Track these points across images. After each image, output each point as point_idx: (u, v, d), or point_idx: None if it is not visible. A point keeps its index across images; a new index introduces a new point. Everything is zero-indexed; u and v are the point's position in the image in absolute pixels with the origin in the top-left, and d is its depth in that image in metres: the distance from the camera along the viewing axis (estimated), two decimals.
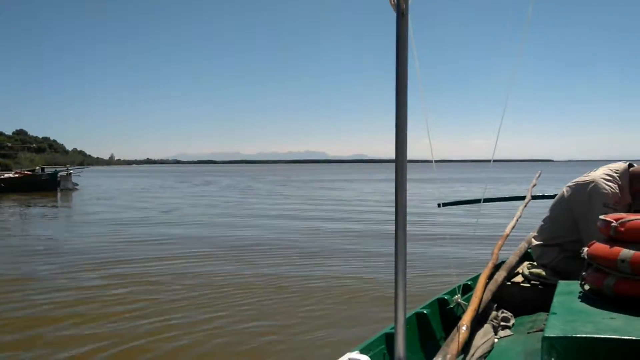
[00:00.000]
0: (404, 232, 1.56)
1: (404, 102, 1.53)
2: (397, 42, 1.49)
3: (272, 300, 6.11)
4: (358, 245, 10.00)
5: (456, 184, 34.93)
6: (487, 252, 3.55)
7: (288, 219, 14.98)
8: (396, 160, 1.57)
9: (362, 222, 13.79)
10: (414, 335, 2.54)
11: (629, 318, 1.48)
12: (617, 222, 1.72)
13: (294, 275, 7.41)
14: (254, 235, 11.44)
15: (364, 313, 5.53)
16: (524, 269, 3.24)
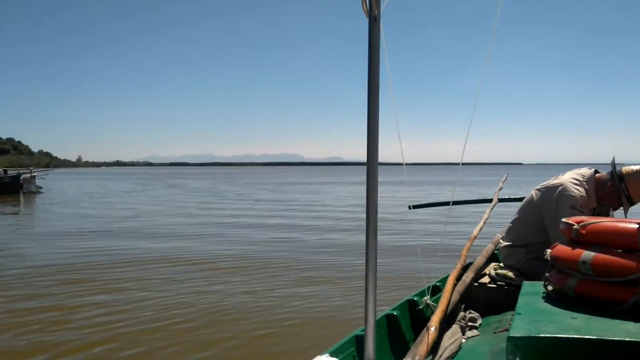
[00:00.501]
0: (375, 234, 1.59)
1: (375, 106, 1.55)
2: (369, 46, 1.51)
3: (233, 308, 6.06)
4: (324, 255, 10.00)
5: (427, 186, 35.31)
6: (455, 254, 3.61)
7: (250, 227, 13.65)
8: (367, 163, 1.59)
9: (330, 231, 13.64)
10: (384, 337, 2.56)
11: (589, 318, 1.53)
12: (578, 225, 1.77)
13: (257, 284, 7.36)
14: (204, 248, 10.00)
15: (334, 316, 5.54)
16: (491, 270, 3.30)
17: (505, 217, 3.41)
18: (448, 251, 7.97)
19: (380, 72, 1.57)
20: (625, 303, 1.56)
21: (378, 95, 1.54)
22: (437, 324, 2.20)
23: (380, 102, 1.57)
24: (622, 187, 2.95)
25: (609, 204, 3.10)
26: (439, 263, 5.90)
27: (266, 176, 74.34)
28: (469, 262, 3.40)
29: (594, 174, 3.11)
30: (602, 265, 1.63)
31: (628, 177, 2.95)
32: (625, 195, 2.96)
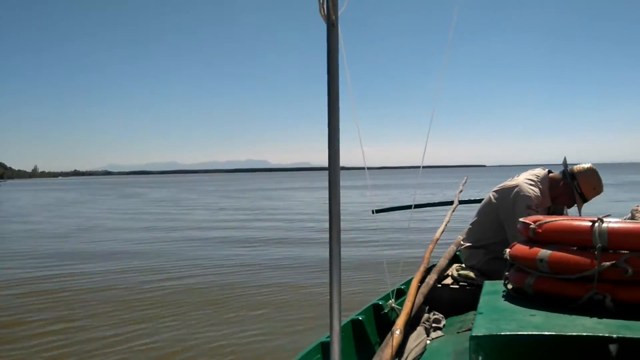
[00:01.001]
0: (338, 240, 1.58)
1: (335, 111, 1.55)
2: (327, 52, 1.52)
3: (194, 316, 5.98)
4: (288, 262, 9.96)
5: (391, 190, 35.62)
6: (419, 257, 3.65)
7: (206, 241, 12.39)
8: (329, 169, 1.59)
9: (293, 237, 13.49)
10: (350, 342, 2.57)
11: (547, 314, 1.56)
12: (535, 224, 1.82)
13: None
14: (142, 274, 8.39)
15: (300, 325, 5.51)
16: (453, 271, 3.36)
17: (466, 219, 3.48)
18: (411, 254, 8.07)
19: (341, 77, 1.58)
20: (581, 299, 1.61)
21: (338, 100, 1.54)
22: (402, 326, 2.22)
23: (341, 107, 1.57)
24: (575, 185, 3.05)
25: (563, 203, 3.21)
26: (402, 266, 5.95)
27: (231, 183, 73.41)
28: (432, 264, 3.44)
29: (548, 174, 3.21)
30: (558, 263, 1.67)
31: (579, 175, 3.06)
32: (578, 193, 3.06)
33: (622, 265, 1.55)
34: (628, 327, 1.40)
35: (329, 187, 1.60)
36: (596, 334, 1.36)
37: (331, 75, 1.53)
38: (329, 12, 1.47)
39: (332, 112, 1.55)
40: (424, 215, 12.55)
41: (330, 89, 1.53)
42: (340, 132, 1.54)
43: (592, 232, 1.64)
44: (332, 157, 1.58)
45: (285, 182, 68.48)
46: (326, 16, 1.49)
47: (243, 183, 73.09)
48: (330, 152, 1.59)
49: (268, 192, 39.67)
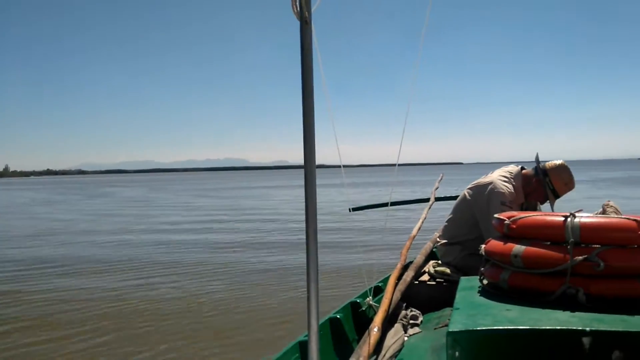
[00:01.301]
0: (315, 239, 1.58)
1: (310, 109, 1.55)
2: (301, 49, 1.51)
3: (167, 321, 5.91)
4: (265, 262, 9.91)
5: (367, 188, 35.77)
6: (396, 254, 3.67)
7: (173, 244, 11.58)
8: (305, 167, 1.58)
9: (271, 236, 13.51)
10: (328, 340, 2.57)
11: (522, 309, 1.59)
12: (509, 220, 1.84)
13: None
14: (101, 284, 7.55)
15: (278, 324, 5.50)
16: (430, 268, 3.38)
17: (442, 216, 3.51)
18: (388, 251, 8.11)
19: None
20: (555, 293, 1.63)
21: (312, 98, 1.54)
22: (380, 324, 2.23)
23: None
24: (547, 181, 3.10)
25: (536, 199, 3.26)
26: (380, 264, 6.00)
27: (209, 182, 72.51)
28: (409, 261, 3.46)
29: (521, 170, 3.26)
30: (532, 258, 1.70)
31: (551, 172, 3.11)
32: (550, 189, 3.11)
33: (594, 259, 1.58)
34: (601, 320, 1.43)
35: (305, 186, 1.59)
36: (570, 328, 1.38)
37: (305, 72, 1.52)
38: (302, 9, 1.46)
39: (307, 110, 1.54)
40: (400, 212, 12.66)
41: (305, 86, 1.53)
42: (316, 130, 1.54)
43: (564, 227, 1.66)
44: (308, 155, 1.58)
45: (264, 181, 68.13)
46: (299, 13, 1.48)
47: (221, 182, 72.16)
48: (306, 151, 1.58)
49: (245, 191, 39.31)
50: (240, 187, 47.54)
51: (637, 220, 1.61)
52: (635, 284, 1.60)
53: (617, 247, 1.62)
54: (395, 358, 2.24)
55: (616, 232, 1.62)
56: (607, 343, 1.34)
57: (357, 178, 65.36)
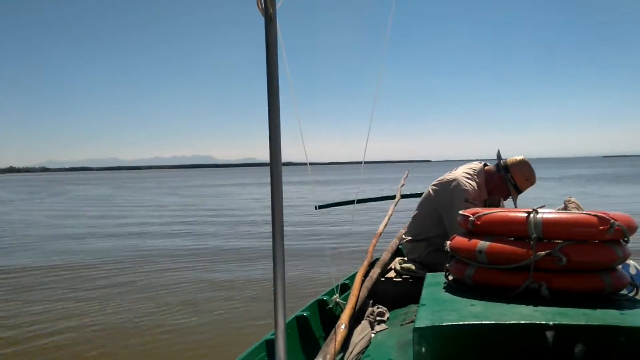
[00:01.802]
0: (281, 237, 1.56)
1: (275, 106, 1.53)
2: (266, 46, 1.50)
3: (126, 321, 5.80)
4: (230, 261, 9.83)
5: (334, 185, 35.87)
6: (362, 251, 3.68)
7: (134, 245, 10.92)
8: (271, 164, 1.57)
9: (237, 235, 13.42)
10: (295, 338, 2.56)
11: (487, 304, 1.61)
12: (474, 217, 1.86)
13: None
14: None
15: (244, 323, 5.45)
16: (396, 265, 3.41)
17: (408, 213, 3.54)
18: (355, 249, 8.16)
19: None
20: (519, 288, 1.66)
21: (278, 95, 1.52)
22: (347, 321, 2.23)
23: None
24: (509, 177, 3.16)
25: (499, 195, 3.32)
26: (347, 261, 6.01)
27: (175, 180, 71.10)
28: (375, 258, 3.48)
29: (484, 167, 3.31)
30: (496, 254, 1.72)
31: (512, 167, 3.17)
32: (512, 185, 3.17)
33: (557, 254, 1.61)
34: (563, 314, 1.46)
35: (271, 184, 1.58)
36: (533, 322, 1.40)
37: (270, 69, 1.51)
38: (266, 5, 1.45)
39: (273, 107, 1.53)
40: (366, 210, 12.75)
41: (270, 83, 1.51)
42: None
43: (527, 223, 1.69)
44: (274, 152, 1.56)
45: (231, 178, 67.46)
46: (264, 10, 1.47)
47: (188, 179, 70.84)
48: (272, 148, 1.56)
49: (211, 189, 38.77)
50: (207, 185, 46.89)
51: (597, 216, 1.65)
52: (597, 278, 1.64)
53: (579, 242, 1.65)
54: (362, 355, 2.24)
55: (578, 227, 1.66)
56: (569, 337, 1.37)
57: (324, 176, 65.50)
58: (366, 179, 33.25)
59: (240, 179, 61.85)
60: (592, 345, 1.36)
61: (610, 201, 17.88)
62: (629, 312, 1.51)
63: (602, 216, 1.64)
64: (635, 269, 2.68)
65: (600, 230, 1.63)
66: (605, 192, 22.37)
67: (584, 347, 1.36)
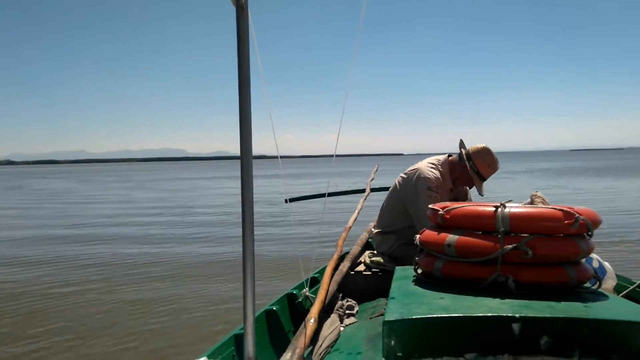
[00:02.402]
0: (251, 231, 1.54)
1: (247, 98, 1.51)
2: (237, 36, 1.48)
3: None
4: (200, 253, 9.72)
5: (305, 179, 35.88)
6: (332, 245, 3.69)
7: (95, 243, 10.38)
8: (241, 157, 1.54)
9: (206, 227, 13.25)
10: (264, 333, 2.54)
11: (455, 297, 1.62)
12: (443, 210, 1.88)
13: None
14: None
15: (213, 319, 5.41)
16: (366, 258, 3.42)
17: (378, 206, 3.56)
18: (325, 242, 8.16)
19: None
20: (486, 281, 1.68)
21: (249, 85, 1.50)
22: (316, 315, 2.22)
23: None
24: (471, 165, 3.21)
25: (464, 183, 3.37)
26: (317, 255, 6.00)
27: (143, 172, 69.93)
28: (345, 252, 3.49)
29: (448, 157, 3.36)
30: (464, 247, 1.74)
31: (474, 156, 3.22)
32: (475, 172, 3.22)
33: (523, 248, 1.63)
34: (529, 306, 1.48)
35: (241, 177, 1.56)
36: (500, 314, 1.42)
37: (241, 59, 1.49)
38: None
39: (244, 98, 1.50)
40: (337, 203, 12.78)
41: (241, 73, 1.49)
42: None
43: (495, 217, 1.71)
44: (245, 145, 1.54)
45: (203, 172, 66.61)
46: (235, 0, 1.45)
47: (158, 173, 69.45)
48: (243, 140, 1.54)
49: (181, 182, 38.23)
50: (178, 179, 46.19)
51: (563, 210, 1.68)
52: (562, 271, 1.67)
53: (545, 236, 1.68)
54: (331, 348, 2.24)
55: (544, 221, 1.68)
56: (535, 329, 1.39)
57: (296, 169, 65.38)
58: (338, 172, 33.34)
59: (211, 172, 61.18)
60: (557, 337, 1.38)
61: (582, 196, 18.33)
62: (592, 305, 1.54)
63: (567, 210, 1.68)
64: (598, 262, 2.75)
65: (565, 224, 1.66)
66: (578, 186, 22.83)
67: (549, 339, 1.38)
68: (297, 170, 60.58)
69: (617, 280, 2.96)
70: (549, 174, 35.86)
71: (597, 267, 2.74)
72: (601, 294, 1.73)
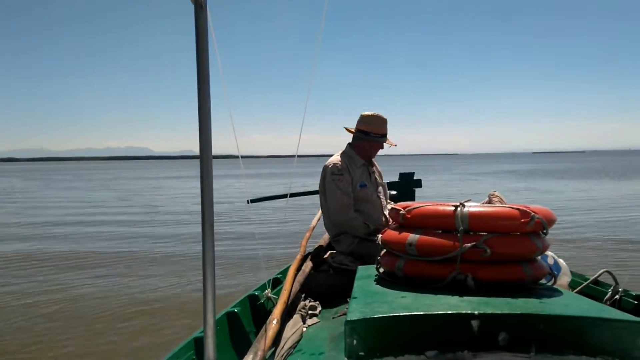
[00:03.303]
0: (212, 233, 1.52)
1: (206, 96, 1.49)
2: (196, 34, 1.46)
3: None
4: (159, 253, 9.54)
5: (267, 179, 35.72)
6: (295, 245, 3.68)
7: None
8: (201, 157, 1.52)
9: (161, 237, 13.01)
10: (225, 335, 2.51)
11: (416, 295, 1.64)
12: (404, 210, 1.90)
13: None
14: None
15: (173, 322, 5.30)
16: (328, 258, 3.42)
17: None
18: (288, 243, 8.14)
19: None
20: (446, 279, 1.71)
21: (208, 85, 1.49)
22: (279, 316, 2.21)
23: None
24: (358, 133, 3.39)
25: (370, 152, 3.49)
26: (279, 255, 5.99)
27: (108, 172, 67.67)
28: (308, 252, 3.48)
29: (349, 144, 3.51)
30: (425, 246, 1.76)
31: (357, 124, 3.41)
32: (365, 134, 3.37)
33: (482, 246, 1.67)
34: (487, 303, 1.51)
35: (201, 177, 1.54)
36: (460, 312, 1.44)
37: (200, 58, 1.47)
38: None
39: (203, 96, 1.49)
40: (300, 203, 12.79)
41: (200, 72, 1.48)
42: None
43: (455, 216, 1.74)
44: (204, 144, 1.52)
45: (166, 171, 65.34)
46: None
47: (120, 172, 67.34)
48: (202, 139, 1.52)
49: (143, 182, 37.32)
50: (141, 178, 45.06)
51: (519, 209, 1.72)
52: (519, 268, 1.72)
53: (502, 234, 1.72)
54: (294, 349, 2.23)
55: (501, 220, 1.72)
56: (494, 325, 1.42)
57: (259, 169, 65.02)
58: (302, 172, 33.29)
59: (177, 172, 60.08)
60: (515, 333, 1.41)
61: (542, 196, 18.83)
62: (548, 301, 1.58)
63: (524, 209, 1.72)
64: (553, 259, 2.84)
65: (521, 222, 1.70)
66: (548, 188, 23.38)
67: (507, 335, 1.41)
68: (265, 170, 60.24)
69: (571, 277, 3.06)
70: (514, 175, 36.86)
71: (552, 264, 2.83)
72: (556, 290, 1.78)
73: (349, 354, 1.44)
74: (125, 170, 71.13)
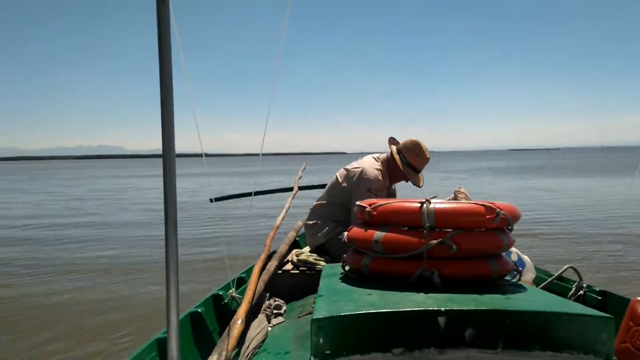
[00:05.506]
0: (175, 231, 1.48)
1: (169, 92, 1.45)
2: (158, 28, 1.42)
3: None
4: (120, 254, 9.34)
5: (231, 177, 35.37)
6: (260, 244, 3.63)
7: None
8: (164, 155, 1.47)
9: (123, 237, 12.75)
10: (189, 336, 2.46)
11: (382, 293, 1.63)
12: (370, 207, 1.89)
13: None
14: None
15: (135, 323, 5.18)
16: (293, 257, 3.40)
17: (306, 205, 3.55)
18: (252, 242, 8.07)
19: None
20: (413, 276, 1.70)
21: (171, 81, 1.45)
22: (244, 315, 2.18)
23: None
24: (401, 157, 3.31)
25: (398, 178, 3.47)
26: (244, 255, 5.91)
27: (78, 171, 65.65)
28: (273, 251, 3.45)
29: (386, 156, 3.45)
30: (391, 243, 1.75)
31: (404, 149, 3.36)
32: (406, 164, 3.32)
33: (448, 243, 1.67)
34: (453, 300, 1.51)
35: (163, 175, 1.49)
36: (426, 308, 1.44)
37: (163, 52, 1.43)
38: None
39: (165, 93, 1.44)
40: (264, 202, 12.69)
41: (162, 67, 1.43)
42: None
43: (421, 213, 1.74)
44: (167, 142, 1.47)
45: (139, 170, 63.79)
46: None
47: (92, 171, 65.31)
48: (165, 137, 1.48)
49: (112, 181, 36.44)
50: (110, 176, 43.85)
51: (485, 205, 1.74)
52: (485, 264, 1.73)
53: (468, 230, 1.73)
54: (259, 349, 2.20)
55: (467, 216, 1.73)
56: (460, 322, 1.42)
57: (223, 167, 64.36)
58: (269, 171, 33.14)
59: (149, 170, 58.76)
60: (481, 329, 1.42)
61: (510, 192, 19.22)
62: (514, 297, 1.60)
63: (489, 206, 1.73)
64: (517, 256, 2.89)
65: (487, 219, 1.72)
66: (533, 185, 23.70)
67: (474, 331, 1.42)
68: (222, 168, 59.59)
69: (536, 273, 3.12)
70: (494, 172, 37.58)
71: (517, 260, 2.88)
72: (521, 286, 1.80)
73: (315, 353, 1.42)
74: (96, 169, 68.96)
